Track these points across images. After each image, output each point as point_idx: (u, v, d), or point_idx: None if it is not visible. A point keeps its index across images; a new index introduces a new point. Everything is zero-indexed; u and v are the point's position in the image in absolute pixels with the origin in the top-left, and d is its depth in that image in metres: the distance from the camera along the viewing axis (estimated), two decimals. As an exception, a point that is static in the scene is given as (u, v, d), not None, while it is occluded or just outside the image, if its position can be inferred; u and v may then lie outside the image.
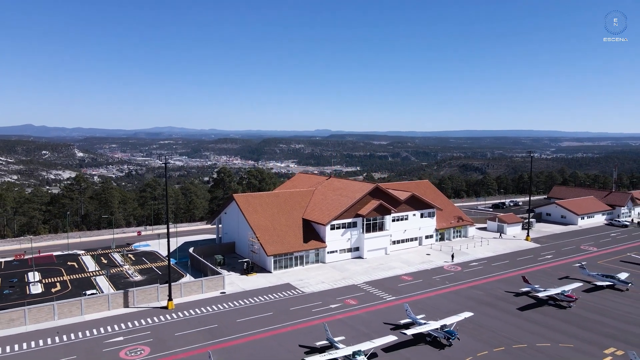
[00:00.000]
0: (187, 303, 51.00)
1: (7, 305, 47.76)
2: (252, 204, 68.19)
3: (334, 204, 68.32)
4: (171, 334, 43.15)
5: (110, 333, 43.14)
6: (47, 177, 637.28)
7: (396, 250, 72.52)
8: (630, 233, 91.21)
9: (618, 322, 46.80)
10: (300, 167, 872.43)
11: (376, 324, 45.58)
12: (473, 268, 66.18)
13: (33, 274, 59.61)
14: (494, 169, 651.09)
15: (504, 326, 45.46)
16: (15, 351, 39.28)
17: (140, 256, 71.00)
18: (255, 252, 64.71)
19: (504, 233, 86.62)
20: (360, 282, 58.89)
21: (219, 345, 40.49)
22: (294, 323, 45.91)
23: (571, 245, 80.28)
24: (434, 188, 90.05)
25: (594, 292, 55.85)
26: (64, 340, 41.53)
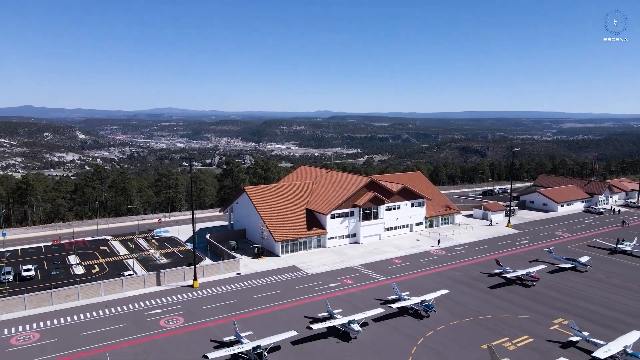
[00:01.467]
0: (209, 282, 60.17)
1: (60, 284, 56.93)
2: (261, 195, 76.83)
3: (334, 196, 76.95)
4: (199, 307, 52.36)
5: (149, 307, 52.36)
6: (50, 160, 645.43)
7: (389, 236, 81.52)
8: (603, 220, 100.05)
9: (571, 298, 55.89)
10: (301, 149, 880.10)
11: (368, 299, 54.67)
12: (456, 252, 75.20)
13: (74, 257, 68.78)
14: (494, 152, 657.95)
15: (474, 301, 54.57)
16: (75, 321, 48.48)
17: (162, 241, 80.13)
18: (264, 238, 73.70)
19: (488, 220, 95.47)
20: (356, 265, 67.98)
21: (239, 316, 49.55)
22: (299, 299, 55.04)
23: (547, 232, 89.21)
24: (425, 179, 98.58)
25: (557, 273, 64.86)
26: (112, 312, 50.73)
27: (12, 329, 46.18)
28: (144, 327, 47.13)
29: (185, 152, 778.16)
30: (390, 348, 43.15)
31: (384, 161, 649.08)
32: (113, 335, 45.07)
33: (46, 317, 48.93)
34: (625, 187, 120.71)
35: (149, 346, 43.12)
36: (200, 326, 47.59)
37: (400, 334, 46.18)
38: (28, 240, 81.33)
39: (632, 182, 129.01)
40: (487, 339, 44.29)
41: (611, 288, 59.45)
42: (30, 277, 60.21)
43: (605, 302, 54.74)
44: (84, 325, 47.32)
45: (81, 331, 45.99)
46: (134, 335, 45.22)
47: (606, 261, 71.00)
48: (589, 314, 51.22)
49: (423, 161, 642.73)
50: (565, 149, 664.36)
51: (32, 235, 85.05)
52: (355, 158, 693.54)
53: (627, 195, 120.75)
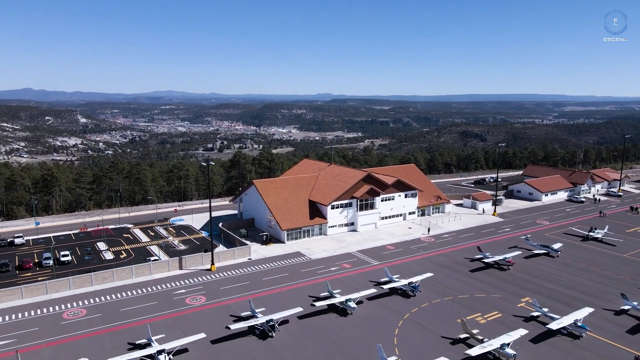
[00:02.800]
0: (225, 266, 68.58)
1: (96, 268, 65.35)
2: (268, 187, 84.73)
3: (334, 188, 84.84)
4: (217, 287, 60.84)
5: (175, 287, 60.85)
6: (53, 144, 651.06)
7: (384, 225, 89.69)
8: (583, 208, 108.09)
9: (539, 280, 64.26)
10: (302, 132, 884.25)
11: (363, 281, 63.06)
12: (444, 239, 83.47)
13: (102, 244, 77.19)
14: (493, 136, 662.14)
15: (455, 283, 62.97)
16: (114, 299, 56.94)
17: (179, 229, 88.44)
18: (272, 227, 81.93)
19: (476, 209, 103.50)
20: (353, 251, 76.30)
21: (252, 295, 57.94)
22: (304, 281, 63.47)
23: (529, 220, 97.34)
24: (418, 171, 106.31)
25: (531, 259, 73.14)
26: (143, 292, 59.23)
27: (62, 306, 54.74)
28: (172, 305, 55.66)
29: (187, 136, 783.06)
30: (380, 322, 51.61)
31: (384, 145, 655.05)
32: (148, 311, 53.62)
33: (89, 296, 57.46)
34: (607, 177, 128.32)
35: (179, 320, 51.65)
36: (220, 304, 56.09)
37: (390, 310, 54.63)
38: (57, 228, 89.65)
39: (614, 171, 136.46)
40: (463, 315, 52.67)
41: (576, 271, 67.80)
42: (67, 261, 68.60)
43: (568, 283, 63.13)
44: (122, 303, 55.85)
45: (120, 307, 54.54)
46: (165, 311, 53.74)
47: (578, 247, 79.25)
48: (552, 294, 59.63)
49: (423, 145, 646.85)
50: (565, 133, 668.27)
51: (60, 224, 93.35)
52: (356, 142, 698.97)
53: (609, 184, 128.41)
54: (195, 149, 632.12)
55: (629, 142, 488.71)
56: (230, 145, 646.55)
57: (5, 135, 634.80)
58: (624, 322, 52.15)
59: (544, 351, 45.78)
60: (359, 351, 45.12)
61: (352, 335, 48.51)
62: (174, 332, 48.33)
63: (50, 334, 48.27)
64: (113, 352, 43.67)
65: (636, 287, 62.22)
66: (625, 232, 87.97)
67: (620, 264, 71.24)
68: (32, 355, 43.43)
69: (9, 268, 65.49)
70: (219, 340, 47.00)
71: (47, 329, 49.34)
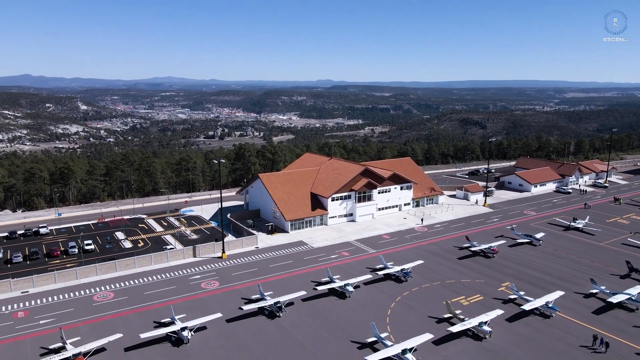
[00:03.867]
0: (234, 254, 75.12)
1: (118, 256, 71.87)
2: (273, 181, 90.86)
3: (334, 182, 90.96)
4: (229, 273, 67.43)
5: (190, 273, 67.44)
6: (55, 132, 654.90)
7: (380, 215, 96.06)
8: (569, 199, 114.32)
9: (520, 267, 70.77)
10: (302, 119, 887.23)
11: (361, 268, 69.56)
12: (436, 229, 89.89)
13: (121, 234, 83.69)
14: (494, 123, 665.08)
15: (444, 269, 69.51)
16: (137, 284, 63.54)
17: (189, 219, 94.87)
18: (276, 218, 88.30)
19: (468, 200, 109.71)
20: (352, 240, 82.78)
21: (261, 280, 64.45)
22: (306, 267, 70.02)
23: (517, 210, 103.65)
24: (413, 164, 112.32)
25: (515, 247, 79.59)
26: (162, 277, 65.83)
27: (91, 290, 61.41)
28: (189, 289, 62.30)
29: (187, 123, 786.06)
30: (375, 304, 58.24)
31: (384, 133, 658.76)
32: (169, 294, 60.28)
33: (114, 281, 64.09)
34: (595, 169, 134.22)
35: (197, 302, 58.30)
36: (232, 288, 62.73)
37: (384, 294, 61.25)
38: (76, 219, 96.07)
39: (602, 163, 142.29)
40: (448, 297, 59.23)
41: (555, 259, 74.30)
42: (90, 250, 75.15)
43: (546, 269, 69.66)
44: (145, 287, 62.49)
45: (144, 291, 61.18)
46: (183, 294, 60.38)
47: (559, 236, 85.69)
48: (531, 279, 66.17)
49: (423, 133, 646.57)
50: (565, 121, 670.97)
51: (78, 214, 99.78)
52: (356, 130, 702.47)
53: (597, 175, 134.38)
54: (197, 136, 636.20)
55: (627, 130, 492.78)
56: (231, 133, 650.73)
57: (7, 123, 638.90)
58: (591, 304, 58.75)
59: (518, 329, 52.44)
60: (356, 329, 51.76)
61: (349, 315, 55.15)
62: (192, 312, 54.95)
63: (84, 314, 54.96)
64: (142, 329, 50.30)
65: (607, 273, 68.74)
66: (605, 222, 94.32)
67: (596, 252, 77.69)
68: (72, 332, 50.05)
69: (39, 256, 72.11)
70: (233, 320, 53.66)
71: (81, 309, 56.04)
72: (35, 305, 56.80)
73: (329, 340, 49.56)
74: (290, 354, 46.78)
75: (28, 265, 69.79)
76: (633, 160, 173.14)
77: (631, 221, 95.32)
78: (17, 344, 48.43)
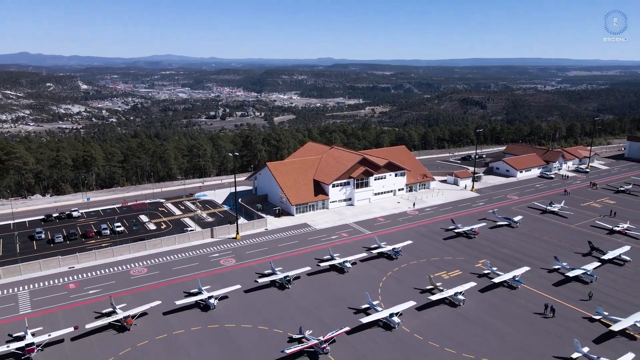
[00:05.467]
0: (247, 235, 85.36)
1: (145, 237, 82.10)
2: (279, 169, 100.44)
3: (334, 170, 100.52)
4: (244, 252, 77.78)
5: (210, 252, 77.79)
6: (57, 112, 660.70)
7: (377, 200, 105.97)
8: (551, 184, 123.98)
9: (497, 246, 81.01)
10: (303, 99, 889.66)
11: (357, 247, 79.83)
12: (426, 212, 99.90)
13: (144, 217, 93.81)
14: (494, 103, 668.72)
15: (430, 248, 79.77)
16: (163, 262, 73.91)
17: (204, 204, 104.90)
18: (283, 202, 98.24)
19: (458, 185, 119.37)
20: (350, 222, 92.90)
21: (271, 258, 74.75)
22: (310, 247, 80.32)
23: (501, 195, 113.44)
24: (407, 152, 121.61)
25: (495, 229, 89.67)
26: (186, 255, 76.19)
27: (127, 266, 71.85)
28: (210, 265, 72.74)
29: (188, 103, 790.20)
30: (369, 278, 68.62)
31: (384, 113, 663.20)
32: (193, 269, 70.73)
33: (145, 258, 74.50)
34: (579, 154, 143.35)
35: (218, 276, 68.72)
36: (247, 264, 73.15)
37: (377, 269, 71.61)
38: (101, 203, 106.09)
39: (585, 149, 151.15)
40: (431, 272, 69.54)
41: (529, 239, 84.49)
42: (120, 231, 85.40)
43: (519, 248, 79.91)
44: (172, 264, 72.93)
45: (172, 267, 71.63)
46: (205, 270, 70.81)
47: (536, 219, 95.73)
48: (505, 256, 76.46)
49: (423, 113, 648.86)
50: (566, 100, 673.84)
51: (103, 199, 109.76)
52: (357, 109, 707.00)
53: (580, 161, 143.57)
54: (198, 116, 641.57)
55: (626, 110, 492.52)
56: (232, 113, 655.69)
57: (9, 103, 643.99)
58: (553, 278, 69.12)
59: (488, 298, 62.93)
60: (353, 298, 62.22)
61: (347, 287, 65.59)
62: (215, 284, 65.31)
63: (124, 285, 65.51)
64: (175, 298, 60.80)
65: (572, 251, 78.98)
66: (579, 206, 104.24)
67: (566, 233, 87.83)
68: (117, 300, 60.57)
69: (76, 236, 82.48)
70: (250, 290, 64.15)
71: (121, 282, 66.57)
72: (82, 279, 67.33)
73: (330, 307, 60.07)
74: (298, 318, 57.27)
75: (68, 245, 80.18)
76: (618, 145, 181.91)
77: (603, 205, 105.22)
78: (74, 309, 59.03)
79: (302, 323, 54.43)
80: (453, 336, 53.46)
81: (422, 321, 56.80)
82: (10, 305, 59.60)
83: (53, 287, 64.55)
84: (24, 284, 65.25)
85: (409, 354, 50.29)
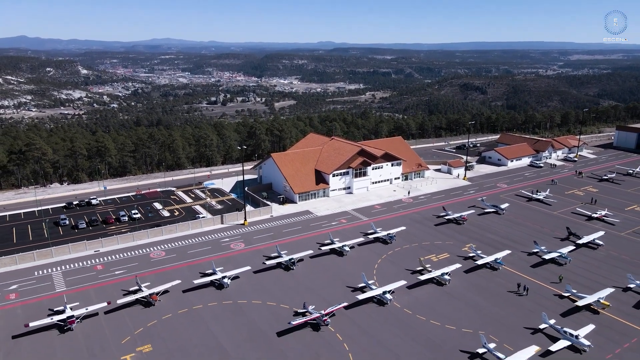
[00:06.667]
0: (254, 221, 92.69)
1: (160, 223, 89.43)
2: (283, 159, 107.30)
3: (335, 160, 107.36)
4: (251, 237, 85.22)
5: (221, 237, 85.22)
6: (59, 97, 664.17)
7: (374, 188, 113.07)
8: (539, 173, 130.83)
9: (483, 231, 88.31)
10: (303, 83, 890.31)
11: (355, 233, 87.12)
12: (420, 200, 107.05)
13: (158, 204, 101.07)
14: (494, 89, 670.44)
15: (422, 234, 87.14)
16: (179, 246, 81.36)
17: (212, 192, 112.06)
18: (286, 191, 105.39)
19: (451, 174, 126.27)
20: (349, 209, 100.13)
21: (277, 242, 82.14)
22: (312, 232, 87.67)
23: (492, 183, 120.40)
24: (403, 143, 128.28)
25: (483, 215, 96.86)
26: (199, 240, 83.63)
27: (147, 249, 79.37)
28: (222, 249, 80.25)
29: (189, 88, 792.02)
30: (366, 260, 76.09)
31: (385, 99, 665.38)
32: (207, 252, 78.26)
33: (162, 243, 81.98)
34: (568, 144, 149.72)
35: (229, 259, 76.22)
36: (255, 248, 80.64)
37: (373, 252, 79.07)
38: (116, 191, 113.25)
39: (575, 138, 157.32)
40: (422, 255, 76.94)
41: (513, 225, 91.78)
42: (137, 218, 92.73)
43: (502, 233, 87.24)
44: (187, 247, 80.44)
45: (187, 250, 79.15)
46: (217, 253, 78.31)
47: (522, 207, 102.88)
48: (490, 241, 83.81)
49: (424, 99, 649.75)
50: (566, 85, 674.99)
51: (117, 187, 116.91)
52: (357, 95, 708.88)
53: (569, 150, 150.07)
54: (199, 102, 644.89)
55: (627, 95, 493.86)
56: (233, 99, 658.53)
57: (11, 88, 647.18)
58: (532, 260, 76.51)
59: (471, 278, 70.44)
60: (350, 278, 69.72)
61: (346, 268, 73.12)
62: (227, 266, 72.72)
63: (146, 267, 73.09)
64: (192, 277, 68.36)
65: (552, 236, 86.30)
66: (564, 194, 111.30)
67: (549, 219, 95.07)
68: (142, 279, 68.11)
69: (98, 223, 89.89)
70: (258, 271, 71.68)
71: (142, 264, 74.15)
72: (107, 261, 74.93)
73: (330, 285, 67.65)
74: (302, 295, 64.83)
75: (91, 231, 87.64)
76: (608, 134, 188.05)
77: (586, 193, 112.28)
78: (103, 287, 66.70)
79: (306, 299, 62.03)
80: (438, 311, 61.11)
81: (412, 298, 64.37)
82: (47, 284, 67.26)
83: (83, 268, 72.17)
84: (56, 266, 72.85)
85: (399, 325, 57.99)
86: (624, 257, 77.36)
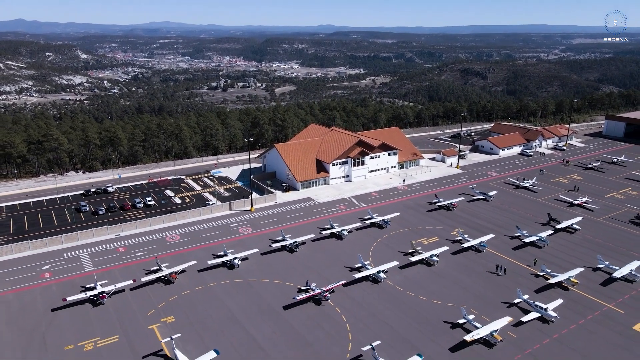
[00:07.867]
0: (260, 208, 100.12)
1: (173, 209, 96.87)
2: (286, 149, 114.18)
3: (334, 150, 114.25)
4: (258, 222, 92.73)
5: (229, 222, 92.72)
6: (60, 83, 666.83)
7: (371, 176, 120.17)
8: (528, 161, 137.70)
9: (471, 217, 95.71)
10: (303, 68, 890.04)
11: (354, 218, 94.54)
12: (414, 188, 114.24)
13: (169, 192, 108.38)
14: (495, 74, 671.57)
15: (415, 219, 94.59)
16: (191, 230, 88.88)
17: (220, 180, 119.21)
18: (289, 179, 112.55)
19: (445, 163, 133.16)
20: (348, 196, 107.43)
21: (282, 227, 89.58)
22: (313, 217, 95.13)
23: (482, 172, 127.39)
24: (400, 133, 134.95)
25: (472, 202, 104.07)
26: (210, 225, 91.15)
27: (163, 233, 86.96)
28: (231, 233, 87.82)
29: (189, 73, 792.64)
30: (363, 243, 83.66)
31: (385, 84, 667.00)
32: (217, 236, 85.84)
33: (176, 227, 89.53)
34: (558, 133, 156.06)
35: (238, 242, 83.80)
36: (262, 232, 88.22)
37: (369, 236, 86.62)
38: (129, 179, 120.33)
39: (564, 127, 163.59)
40: (414, 238, 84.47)
41: (500, 211, 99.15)
42: (152, 204, 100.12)
43: (488, 219, 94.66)
44: (200, 232, 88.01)
45: (200, 234, 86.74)
46: (227, 237, 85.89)
47: (509, 194, 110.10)
48: (477, 226, 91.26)
49: (424, 84, 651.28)
50: (567, 70, 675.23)
51: (130, 175, 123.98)
52: (357, 80, 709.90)
53: (559, 139, 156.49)
54: (199, 87, 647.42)
55: (627, 80, 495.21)
56: (233, 84, 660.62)
57: (12, 74, 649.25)
58: (513, 243, 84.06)
59: (457, 259, 78.07)
60: (349, 259, 77.36)
61: (344, 250, 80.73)
62: (237, 248, 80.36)
63: (163, 249, 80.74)
64: (205, 259, 76.02)
65: (534, 221, 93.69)
66: (550, 182, 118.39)
67: (533, 206, 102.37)
68: (161, 260, 75.84)
69: (115, 209, 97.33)
70: (265, 253, 79.34)
71: (160, 247, 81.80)
72: (129, 244, 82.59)
73: (331, 266, 75.34)
74: (305, 275, 72.55)
75: (109, 216, 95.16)
76: (599, 123, 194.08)
77: (571, 181, 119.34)
78: (127, 268, 74.43)
79: (308, 277, 69.77)
80: (426, 288, 68.87)
81: (403, 277, 72.08)
82: (76, 264, 75.03)
83: (107, 251, 79.88)
84: (83, 248, 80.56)
85: (391, 300, 65.79)
86: (598, 240, 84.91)
